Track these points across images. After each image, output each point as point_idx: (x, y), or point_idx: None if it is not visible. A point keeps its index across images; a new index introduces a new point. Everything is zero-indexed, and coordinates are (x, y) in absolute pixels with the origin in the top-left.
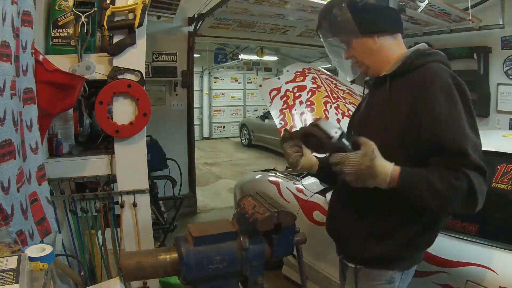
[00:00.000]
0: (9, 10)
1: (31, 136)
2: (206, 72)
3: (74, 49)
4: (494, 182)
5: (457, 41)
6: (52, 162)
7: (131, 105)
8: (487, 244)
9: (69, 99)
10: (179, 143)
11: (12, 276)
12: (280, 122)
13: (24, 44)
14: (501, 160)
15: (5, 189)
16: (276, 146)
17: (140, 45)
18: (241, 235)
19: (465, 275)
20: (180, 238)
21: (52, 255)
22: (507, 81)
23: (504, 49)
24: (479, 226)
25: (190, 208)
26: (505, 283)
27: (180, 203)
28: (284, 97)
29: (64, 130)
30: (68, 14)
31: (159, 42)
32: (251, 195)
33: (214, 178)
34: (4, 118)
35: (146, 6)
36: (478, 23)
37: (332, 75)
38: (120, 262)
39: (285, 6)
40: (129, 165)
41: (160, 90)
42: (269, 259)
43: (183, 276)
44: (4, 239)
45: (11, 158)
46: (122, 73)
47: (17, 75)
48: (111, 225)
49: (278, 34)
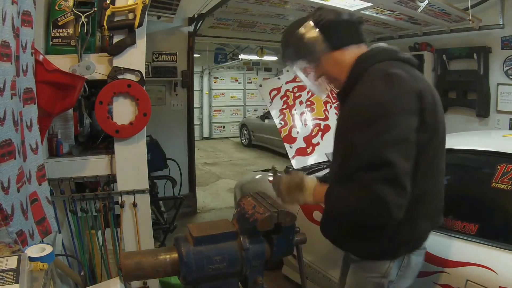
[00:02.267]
0: (9, 10)
1: (31, 136)
2: (206, 72)
3: (74, 49)
4: (494, 182)
5: (457, 41)
6: (52, 162)
7: (131, 105)
8: (487, 244)
9: (69, 99)
10: (179, 143)
11: (12, 276)
12: (280, 122)
13: (24, 44)
14: (501, 160)
15: (5, 189)
16: (276, 146)
17: (140, 45)
18: (241, 235)
19: (465, 275)
20: (180, 238)
21: (52, 255)
22: (507, 81)
23: (504, 49)
24: (479, 226)
25: (190, 208)
26: (505, 283)
27: (180, 203)
28: (284, 97)
29: (64, 130)
30: (68, 14)
31: (159, 42)
32: (251, 195)
33: (214, 178)
34: (4, 118)
35: (146, 6)
36: (478, 23)
37: None
38: (120, 262)
39: (285, 6)
40: (129, 165)
41: (160, 90)
42: (269, 259)
43: (183, 276)
44: (4, 239)
45: (11, 158)
46: (122, 73)
47: (17, 75)
48: (111, 225)
49: (278, 34)
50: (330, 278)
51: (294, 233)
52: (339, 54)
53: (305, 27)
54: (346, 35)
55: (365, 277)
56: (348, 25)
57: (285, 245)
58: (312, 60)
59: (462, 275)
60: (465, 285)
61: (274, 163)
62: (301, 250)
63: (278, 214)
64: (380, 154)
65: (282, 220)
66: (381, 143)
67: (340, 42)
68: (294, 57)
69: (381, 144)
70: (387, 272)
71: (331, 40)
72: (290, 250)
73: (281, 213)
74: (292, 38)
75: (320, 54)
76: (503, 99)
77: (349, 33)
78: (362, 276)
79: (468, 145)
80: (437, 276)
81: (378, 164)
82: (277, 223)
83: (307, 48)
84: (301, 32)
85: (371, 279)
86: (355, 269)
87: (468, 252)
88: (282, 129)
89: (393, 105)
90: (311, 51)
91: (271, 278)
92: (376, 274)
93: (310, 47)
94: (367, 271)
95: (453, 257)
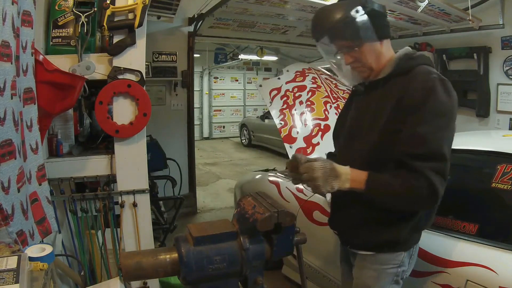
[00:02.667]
0: (9, 10)
1: (31, 136)
2: (206, 72)
3: (74, 49)
4: (494, 182)
5: (457, 41)
6: (52, 162)
7: (131, 105)
8: (487, 244)
9: (69, 99)
10: (179, 143)
11: (12, 276)
12: (280, 122)
13: (24, 44)
14: (501, 160)
15: (5, 189)
16: (276, 146)
17: (140, 45)
18: (241, 235)
19: (465, 275)
20: (180, 238)
21: (52, 255)
22: (507, 81)
23: (504, 49)
24: (479, 226)
25: (190, 208)
26: (505, 283)
27: (180, 203)
28: (284, 97)
29: (64, 130)
30: (68, 14)
31: (159, 42)
32: (251, 195)
33: (214, 178)
34: (5, 118)
35: (146, 6)
36: (478, 23)
37: (332, 75)
38: (120, 262)
39: (285, 6)
40: (129, 165)
41: (160, 90)
42: (269, 259)
43: (183, 276)
44: (4, 239)
45: (11, 158)
46: (122, 73)
47: (17, 75)
48: (111, 225)
49: (278, 34)
50: (330, 278)
51: (294, 233)
52: (380, 44)
53: (356, 11)
54: (388, 28)
55: (382, 269)
56: (385, 17)
57: (285, 245)
58: (354, 44)
59: (462, 275)
60: (465, 285)
61: (274, 163)
62: (301, 250)
63: (278, 214)
64: (440, 147)
65: (282, 220)
66: (442, 138)
67: (384, 33)
68: (335, 36)
69: (442, 139)
70: (402, 261)
71: (378, 29)
72: (290, 250)
73: (281, 213)
74: (339, 18)
75: (364, 41)
76: (503, 99)
77: (387, 26)
78: (378, 269)
79: (468, 145)
80: (437, 276)
81: (438, 156)
82: (277, 223)
83: (354, 31)
84: (351, 15)
85: (388, 269)
86: (368, 263)
87: (468, 252)
88: (282, 129)
89: (453, 109)
90: (357, 35)
91: (271, 278)
92: (393, 265)
93: (357, 31)
94: (384, 263)
95: (453, 257)
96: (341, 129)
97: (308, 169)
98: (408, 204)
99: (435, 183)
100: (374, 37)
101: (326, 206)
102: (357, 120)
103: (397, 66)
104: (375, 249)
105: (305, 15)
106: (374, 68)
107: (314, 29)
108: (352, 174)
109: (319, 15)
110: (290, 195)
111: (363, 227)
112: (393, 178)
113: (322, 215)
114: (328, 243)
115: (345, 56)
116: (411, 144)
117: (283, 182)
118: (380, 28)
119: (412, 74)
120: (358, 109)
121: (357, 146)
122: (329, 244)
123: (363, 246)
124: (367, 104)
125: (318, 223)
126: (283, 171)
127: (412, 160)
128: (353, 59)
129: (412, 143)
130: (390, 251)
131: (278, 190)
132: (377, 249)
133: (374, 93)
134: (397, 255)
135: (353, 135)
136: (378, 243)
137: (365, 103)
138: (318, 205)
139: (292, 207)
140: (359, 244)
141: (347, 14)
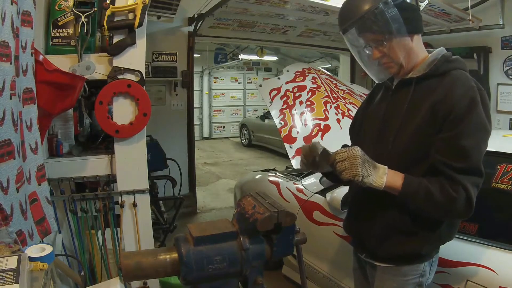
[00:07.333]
0: (8, 10)
1: (31, 136)
2: (206, 72)
3: (74, 49)
4: (494, 182)
5: (457, 41)
6: (52, 162)
7: (131, 105)
8: (487, 244)
9: (69, 99)
10: (179, 143)
11: (12, 276)
12: (280, 122)
13: (24, 44)
14: (501, 160)
15: (5, 189)
16: (276, 146)
17: (140, 45)
18: (241, 235)
19: (465, 275)
20: (180, 238)
21: (52, 255)
22: (507, 81)
23: (504, 49)
24: (479, 226)
25: (190, 208)
26: (505, 283)
27: (180, 203)
28: (284, 97)
29: (64, 130)
30: (68, 14)
31: (159, 42)
32: (251, 195)
33: (214, 178)
34: (4, 118)
35: (146, 6)
36: (478, 23)
37: (332, 75)
38: (120, 262)
39: (285, 6)
40: (129, 165)
41: (160, 90)
42: (269, 259)
43: (183, 276)
44: (4, 239)
45: (10, 158)
46: (122, 73)
47: (17, 75)
48: (111, 225)
49: (278, 34)
50: (330, 278)
51: (294, 233)
52: (410, 40)
53: (386, 2)
54: (420, 22)
55: (405, 280)
56: (417, 10)
57: (285, 245)
58: (383, 38)
59: (462, 275)
60: (465, 285)
61: (274, 163)
62: (301, 250)
63: (278, 214)
64: (479, 162)
65: (282, 220)
66: (482, 153)
67: (415, 28)
68: (362, 29)
69: (482, 153)
70: (423, 271)
71: (408, 23)
72: (290, 250)
73: (281, 213)
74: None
75: (394, 35)
76: (503, 99)
77: (419, 20)
78: (400, 281)
79: None
80: (437, 276)
81: (477, 171)
82: (277, 223)
83: (383, 24)
84: (381, 6)
85: (411, 280)
86: (389, 276)
87: (468, 252)
88: (282, 129)
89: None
90: (386, 28)
91: (271, 278)
92: (416, 276)
93: (387, 24)
94: (406, 274)
95: (453, 257)
96: (364, 123)
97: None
98: (444, 213)
99: (473, 198)
100: (404, 31)
101: (326, 206)
102: (386, 119)
103: (434, 66)
104: (397, 261)
105: (305, 15)
106: (404, 64)
107: (341, 20)
108: (390, 171)
109: (346, 6)
110: (290, 195)
111: (387, 238)
112: (431, 185)
113: (322, 215)
114: (328, 243)
115: (373, 51)
116: (453, 156)
117: (283, 182)
118: (411, 21)
119: (449, 78)
120: (387, 106)
121: (386, 145)
122: (328, 244)
123: (386, 259)
124: (397, 102)
125: (318, 223)
126: (283, 171)
127: (453, 172)
128: (381, 54)
129: (454, 155)
130: (412, 263)
131: (278, 190)
132: (399, 262)
133: (406, 91)
134: (419, 265)
135: (383, 133)
136: (401, 256)
137: (396, 101)
138: (318, 205)
139: (292, 207)
140: (381, 257)
141: (376, 5)
